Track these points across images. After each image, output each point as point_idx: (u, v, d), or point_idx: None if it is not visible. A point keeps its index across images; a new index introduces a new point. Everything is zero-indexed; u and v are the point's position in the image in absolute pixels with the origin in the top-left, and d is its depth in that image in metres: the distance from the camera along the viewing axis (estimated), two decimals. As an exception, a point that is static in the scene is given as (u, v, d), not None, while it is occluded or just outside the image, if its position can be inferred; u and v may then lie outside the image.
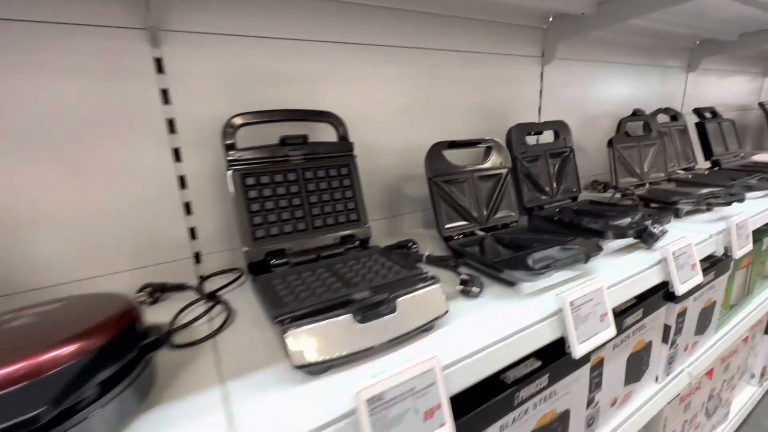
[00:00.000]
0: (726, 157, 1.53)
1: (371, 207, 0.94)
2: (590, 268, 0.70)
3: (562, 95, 1.27)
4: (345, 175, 0.73)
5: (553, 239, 0.75)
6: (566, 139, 1.03)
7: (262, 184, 0.65)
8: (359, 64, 0.87)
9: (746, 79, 2.13)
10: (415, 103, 0.97)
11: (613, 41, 1.36)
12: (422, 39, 0.95)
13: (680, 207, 0.97)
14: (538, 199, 0.96)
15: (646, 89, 1.57)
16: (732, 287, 1.12)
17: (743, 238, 0.89)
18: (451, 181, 0.81)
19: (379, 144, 0.93)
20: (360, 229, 0.73)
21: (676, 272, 0.71)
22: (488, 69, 1.08)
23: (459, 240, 0.79)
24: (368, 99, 0.90)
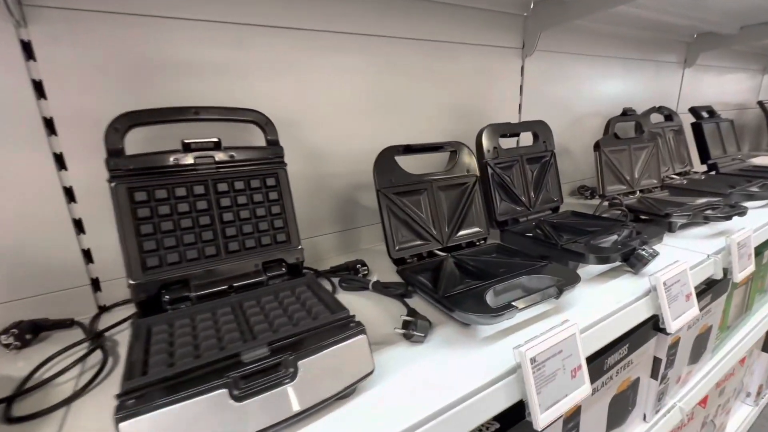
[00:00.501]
0: (724, 161, 1.42)
1: (321, 219, 0.82)
2: (565, 302, 0.58)
3: (546, 92, 1.15)
4: (272, 187, 0.60)
5: (525, 263, 0.63)
6: (547, 142, 0.91)
7: (157, 199, 0.52)
8: (304, 54, 0.74)
9: (744, 77, 2.02)
10: (373, 101, 0.84)
11: (603, 32, 1.24)
12: (382, 25, 0.82)
13: (674, 221, 0.85)
14: (512, 212, 0.84)
15: (640, 86, 1.45)
16: (729, 307, 1.01)
17: (745, 258, 0.78)
18: (405, 193, 0.68)
19: (330, 148, 0.80)
20: (289, 252, 0.60)
21: (668, 306, 0.59)
22: (461, 61, 0.95)
23: (412, 264, 0.66)
24: (316, 96, 0.77)
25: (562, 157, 1.25)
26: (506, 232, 0.80)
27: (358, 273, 0.70)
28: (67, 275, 0.60)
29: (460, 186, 0.75)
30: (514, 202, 0.85)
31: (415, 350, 0.49)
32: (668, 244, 0.81)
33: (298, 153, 0.77)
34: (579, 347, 0.47)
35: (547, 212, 0.90)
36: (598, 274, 0.69)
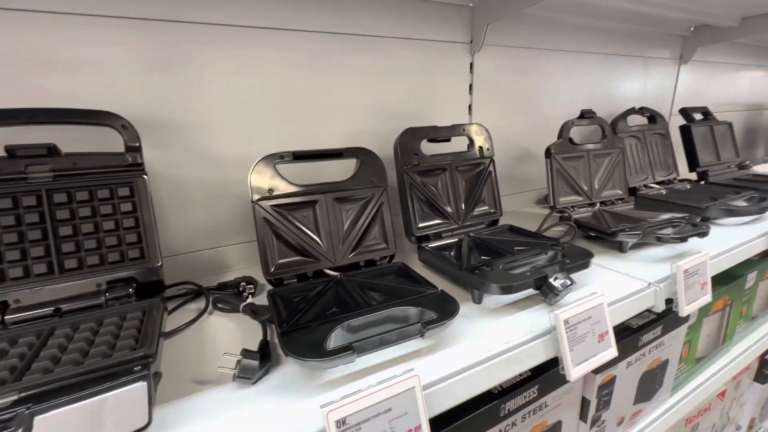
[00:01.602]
0: (717, 168, 1.27)
1: (227, 228, 0.76)
2: (445, 338, 0.50)
3: (504, 91, 1.05)
4: (125, 198, 0.54)
5: (413, 290, 0.55)
6: (483, 148, 0.81)
7: (-27, 212, 0.47)
8: (203, 51, 0.68)
9: (759, 75, 1.83)
10: (290, 101, 0.77)
11: (578, 26, 1.12)
12: (300, 19, 0.74)
13: (622, 240, 0.75)
14: (434, 226, 0.75)
15: (625, 85, 1.32)
16: (697, 338, 0.89)
17: (696, 288, 0.67)
18: (289, 207, 0.61)
19: (236, 152, 0.74)
20: (144, 268, 0.54)
21: (569, 348, 0.50)
22: (399, 58, 0.87)
23: (288, 286, 0.59)
24: (218, 96, 0.71)
25: (528, 163, 1.15)
26: (423, 250, 0.72)
27: (243, 292, 0.64)
28: None
29: (363, 198, 0.67)
30: (438, 214, 0.76)
31: (239, 394, 0.42)
32: (611, 267, 0.71)
33: (195, 158, 0.71)
34: (419, 404, 0.39)
35: (483, 226, 0.81)
36: (510, 302, 0.60)
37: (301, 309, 0.52)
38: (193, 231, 0.73)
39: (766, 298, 1.12)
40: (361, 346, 0.42)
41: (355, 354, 0.42)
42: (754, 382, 1.26)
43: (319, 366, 0.42)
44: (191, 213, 0.73)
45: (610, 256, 0.76)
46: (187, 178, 0.71)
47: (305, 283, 0.60)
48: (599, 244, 0.81)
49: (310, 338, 0.44)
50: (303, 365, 0.43)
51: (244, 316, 0.58)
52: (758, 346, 1.06)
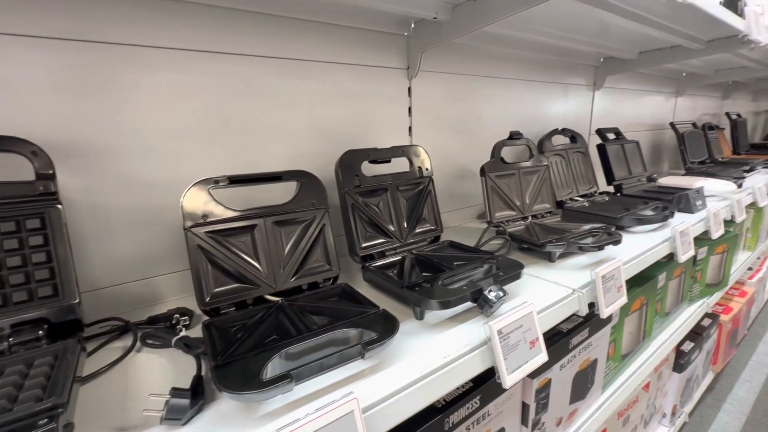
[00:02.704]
0: (629, 182, 1.43)
1: (158, 257, 0.72)
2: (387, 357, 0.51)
3: (443, 113, 1.11)
4: (35, 230, 0.49)
5: (356, 311, 0.55)
6: (422, 168, 0.85)
7: None
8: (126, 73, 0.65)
9: (660, 99, 2.11)
10: (223, 125, 0.75)
11: (506, 56, 1.22)
12: (233, 42, 0.74)
13: (550, 251, 0.81)
14: (378, 245, 0.76)
15: (550, 108, 1.46)
16: (621, 336, 0.98)
17: (613, 291, 0.74)
18: (225, 232, 0.59)
19: (165, 177, 0.70)
20: (58, 307, 0.49)
21: (503, 356, 0.53)
22: (339, 82, 0.89)
23: (227, 315, 0.57)
24: (143, 120, 0.67)
25: (467, 180, 1.21)
26: (367, 269, 0.73)
27: (177, 325, 0.60)
28: None
29: (304, 221, 0.67)
30: (381, 233, 0.78)
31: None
32: (541, 276, 0.77)
33: (121, 184, 0.67)
34: (359, 428, 0.39)
35: (424, 243, 0.84)
36: (450, 316, 0.62)
37: (238, 339, 0.50)
38: (121, 262, 0.68)
39: (676, 295, 1.26)
40: (300, 373, 0.42)
41: (293, 382, 0.41)
42: (673, 372, 1.40)
43: (255, 398, 0.41)
44: (118, 243, 0.68)
45: (540, 266, 0.82)
46: (113, 205, 0.66)
47: (244, 312, 0.58)
48: (531, 255, 0.87)
49: (245, 370, 0.42)
50: (237, 399, 0.41)
51: (177, 351, 0.54)
52: (672, 339, 1.19)
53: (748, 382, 1.79)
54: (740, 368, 1.88)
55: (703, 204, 1.28)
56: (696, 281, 1.38)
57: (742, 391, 1.72)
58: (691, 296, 1.39)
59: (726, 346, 1.75)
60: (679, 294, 1.29)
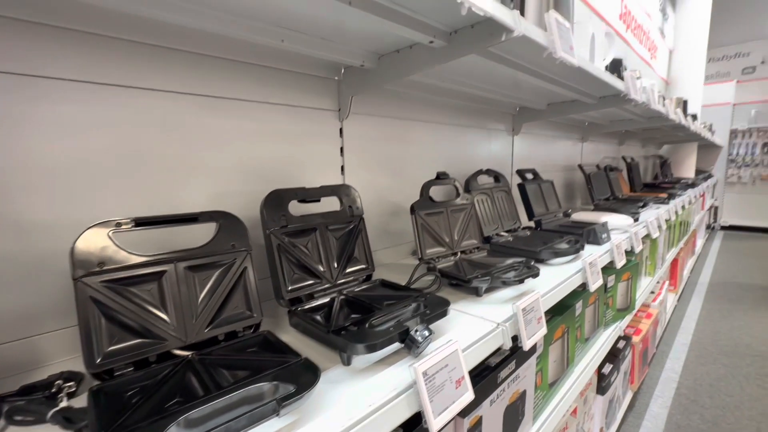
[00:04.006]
0: (547, 217, 1.57)
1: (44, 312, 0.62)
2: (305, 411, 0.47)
3: (373, 154, 1.14)
4: None
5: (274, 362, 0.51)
6: (353, 207, 0.85)
7: None
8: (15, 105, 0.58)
9: (569, 144, 2.39)
10: (133, 163, 0.70)
11: (434, 102, 1.31)
12: (148, 78, 0.70)
13: (476, 286, 0.84)
14: (306, 287, 0.74)
15: (476, 150, 1.58)
16: (547, 364, 1.03)
17: (534, 323, 0.78)
18: (125, 281, 0.53)
19: (56, 219, 0.62)
20: None
21: (429, 398, 0.52)
22: (266, 121, 0.88)
23: (124, 377, 0.50)
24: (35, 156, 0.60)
25: (400, 218, 1.24)
26: (293, 313, 0.69)
27: (59, 393, 0.51)
28: None
29: (222, 265, 0.62)
30: (309, 275, 0.75)
31: None
32: (468, 311, 0.79)
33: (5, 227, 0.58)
34: (267, 500, 0.35)
35: (355, 283, 0.82)
36: (379, 359, 0.60)
37: (132, 405, 0.43)
38: (-8, 319, 0.57)
39: (592, 321, 1.37)
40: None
41: (194, 452, 0.36)
42: (597, 395, 1.49)
43: (143, 479, 0.35)
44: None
45: (468, 301, 0.84)
46: (-13, 253, 0.57)
47: (144, 372, 0.51)
48: (460, 290, 0.89)
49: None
50: (119, 483, 0.35)
51: (54, 428, 0.46)
52: (593, 362, 1.27)
53: (660, 397, 1.95)
54: (653, 385, 2.06)
55: (608, 237, 1.43)
56: (608, 307, 1.51)
57: (656, 407, 1.88)
58: (606, 321, 1.52)
59: (640, 365, 1.91)
60: (595, 320, 1.40)
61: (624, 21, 3.08)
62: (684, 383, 2.06)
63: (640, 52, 3.55)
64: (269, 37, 0.73)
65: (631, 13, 3.21)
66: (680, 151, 4.63)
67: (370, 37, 0.82)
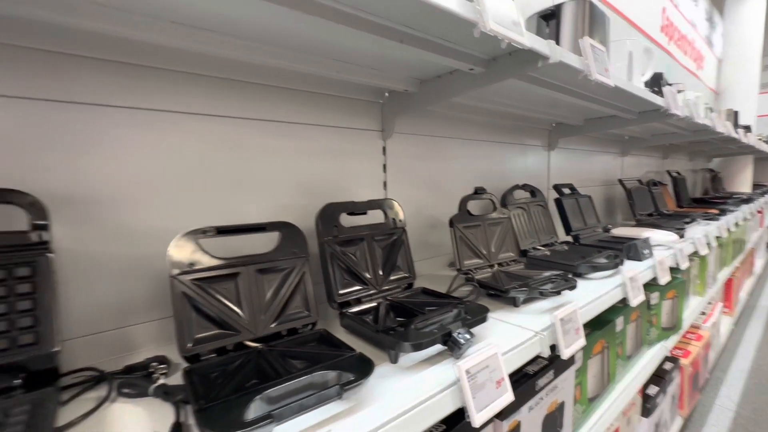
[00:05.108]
0: (585, 232, 1.56)
1: (138, 306, 0.73)
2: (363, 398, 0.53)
3: (414, 170, 1.21)
4: (24, 278, 0.51)
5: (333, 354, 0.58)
6: (396, 220, 0.92)
7: None
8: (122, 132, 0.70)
9: (608, 158, 2.35)
10: (210, 179, 0.81)
11: (469, 120, 1.38)
12: (224, 106, 0.82)
13: (514, 296, 0.88)
14: (354, 292, 0.81)
15: (511, 165, 1.61)
16: (586, 379, 1.03)
17: (572, 333, 0.80)
18: (210, 280, 0.63)
19: (151, 227, 0.74)
20: (37, 355, 0.50)
21: (472, 395, 0.57)
22: (318, 141, 0.98)
23: (208, 361, 0.59)
24: (135, 174, 0.72)
25: (438, 230, 1.29)
26: (344, 315, 0.76)
27: (154, 373, 0.60)
28: None
29: (285, 269, 0.71)
30: (357, 281, 0.82)
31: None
32: (506, 320, 0.82)
33: (108, 234, 0.70)
34: (336, 465, 0.41)
35: (398, 289, 0.89)
36: (423, 359, 0.66)
37: (219, 384, 0.52)
38: (99, 310, 0.69)
39: (635, 338, 1.34)
40: (281, 413, 0.44)
41: (273, 422, 0.43)
42: (642, 417, 1.44)
43: (238, 439, 0.43)
44: (98, 291, 0.69)
45: (506, 310, 0.88)
46: (98, 254, 0.68)
47: (224, 357, 0.59)
48: (497, 300, 0.93)
49: (227, 412, 0.44)
50: (221, 441, 0.42)
51: (155, 400, 0.55)
52: (636, 381, 1.25)
53: (715, 426, 1.84)
54: (706, 413, 1.94)
55: (650, 252, 1.41)
56: (652, 325, 1.47)
57: (710, 437, 1.77)
58: (649, 340, 1.47)
59: (689, 390, 1.81)
60: (638, 337, 1.37)
61: (666, 33, 3.01)
62: (742, 413, 1.93)
63: (684, 63, 3.44)
64: (326, 69, 0.83)
65: (673, 25, 3.14)
66: (734, 165, 4.36)
67: (413, 66, 0.90)
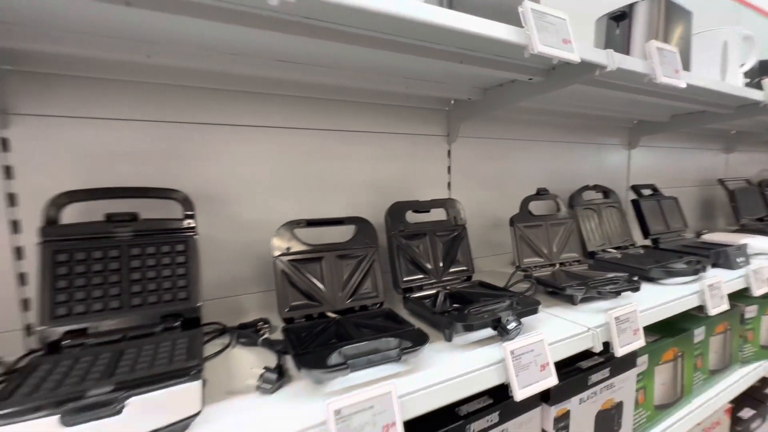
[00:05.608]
0: (667, 236, 1.47)
1: (246, 280, 0.93)
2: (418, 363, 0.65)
3: (478, 171, 1.28)
4: (179, 253, 0.72)
5: (394, 327, 0.71)
6: (457, 218, 1.01)
7: (75, 260, 0.65)
8: (238, 145, 0.91)
9: (706, 156, 2.12)
10: (300, 181, 0.99)
11: (534, 122, 1.39)
12: (309, 120, 0.99)
13: (571, 294, 0.91)
14: (417, 280, 0.92)
15: (583, 165, 1.57)
16: (652, 385, 1.01)
17: (628, 333, 0.82)
18: (301, 261, 0.79)
19: (258, 218, 0.94)
20: (187, 307, 0.70)
21: (515, 373, 0.64)
22: (389, 147, 1.11)
23: (299, 324, 0.75)
24: (246, 177, 0.92)
25: (500, 230, 1.34)
26: (407, 300, 0.88)
27: (260, 330, 0.79)
28: (7, 320, 0.72)
29: (359, 256, 0.85)
30: (420, 270, 0.93)
31: (261, 400, 0.56)
32: (561, 316, 0.87)
33: (229, 223, 0.91)
34: (394, 406, 0.53)
35: (458, 281, 0.98)
36: (474, 341, 0.75)
37: (308, 340, 0.67)
38: (220, 281, 0.90)
39: (721, 353, 1.24)
40: (353, 363, 0.57)
41: (348, 369, 0.57)
42: (729, 440, 1.32)
43: (323, 376, 0.57)
44: (220, 267, 0.90)
45: (562, 308, 0.91)
46: (220, 239, 0.89)
47: (311, 322, 0.75)
48: (556, 298, 0.96)
49: (316, 357, 0.59)
50: (310, 375, 0.57)
51: (261, 349, 0.73)
52: (718, 399, 1.16)
53: (836, 468, 1.57)
54: (826, 452, 1.66)
55: (746, 261, 1.28)
56: (747, 341, 1.34)
57: (828, 478, 1.52)
58: (744, 357, 1.34)
59: (801, 422, 1.58)
60: (726, 352, 1.26)
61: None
62: None
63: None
64: (398, 87, 0.96)
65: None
66: None
67: (475, 78, 0.98)
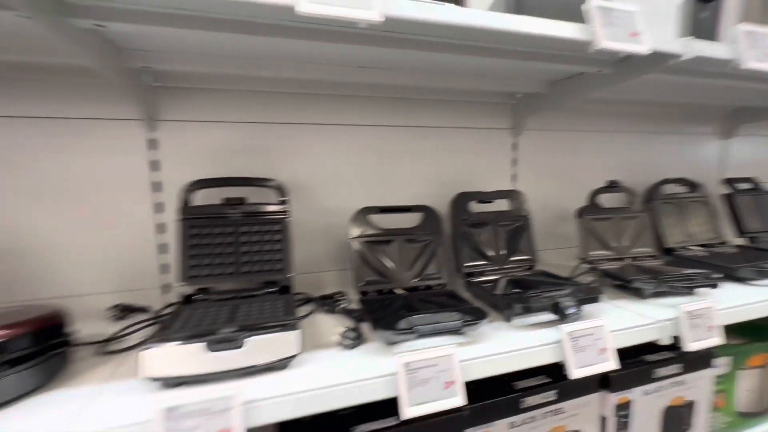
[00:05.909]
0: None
1: (326, 258, 1.07)
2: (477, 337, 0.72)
3: (546, 163, 1.28)
4: (277, 231, 0.87)
5: (456, 304, 0.78)
6: (520, 208, 1.05)
7: (202, 234, 0.83)
8: (319, 141, 1.05)
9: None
10: (372, 172, 1.10)
11: (605, 112, 1.34)
12: (379, 117, 1.10)
13: (638, 287, 0.90)
14: (479, 266, 0.98)
15: (663, 157, 1.48)
16: (733, 389, 0.95)
17: (701, 329, 0.79)
18: (376, 242, 0.90)
19: (336, 205, 1.07)
20: (282, 277, 0.85)
21: (572, 354, 0.68)
22: (455, 141, 1.17)
23: (372, 296, 0.86)
24: (328, 170, 1.06)
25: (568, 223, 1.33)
26: (469, 283, 0.95)
27: (337, 301, 0.92)
28: (151, 280, 0.94)
29: (425, 241, 0.94)
30: (482, 257, 0.99)
31: (342, 353, 0.68)
32: (627, 308, 0.87)
33: (311, 209, 1.05)
34: (455, 366, 0.61)
35: (519, 269, 1.01)
36: (533, 323, 0.79)
37: (380, 309, 0.78)
38: (305, 259, 1.05)
39: (830, 367, 1.11)
40: (420, 329, 0.66)
41: (415, 335, 0.66)
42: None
43: (394, 338, 0.67)
44: (306, 246, 1.05)
45: (630, 300, 0.91)
46: (305, 222, 1.04)
47: (382, 297, 0.86)
48: (624, 292, 0.95)
49: (388, 322, 0.69)
50: (382, 336, 0.68)
51: (339, 316, 0.85)
52: (821, 416, 1.04)
53: None
54: None
55: None
56: None
57: None
58: None
59: None
60: (837, 367, 1.12)
61: None
62: None
63: None
64: (465, 84, 1.02)
65: None
66: None
67: (543, 73, 1.00)
